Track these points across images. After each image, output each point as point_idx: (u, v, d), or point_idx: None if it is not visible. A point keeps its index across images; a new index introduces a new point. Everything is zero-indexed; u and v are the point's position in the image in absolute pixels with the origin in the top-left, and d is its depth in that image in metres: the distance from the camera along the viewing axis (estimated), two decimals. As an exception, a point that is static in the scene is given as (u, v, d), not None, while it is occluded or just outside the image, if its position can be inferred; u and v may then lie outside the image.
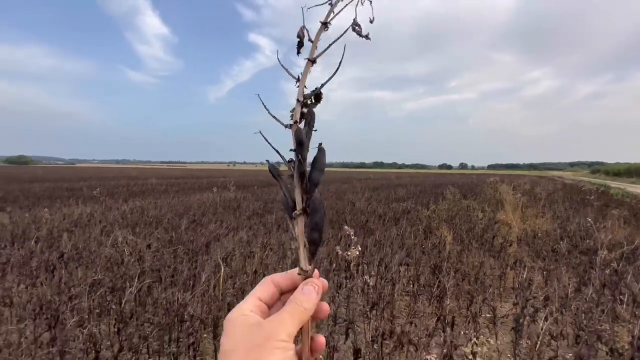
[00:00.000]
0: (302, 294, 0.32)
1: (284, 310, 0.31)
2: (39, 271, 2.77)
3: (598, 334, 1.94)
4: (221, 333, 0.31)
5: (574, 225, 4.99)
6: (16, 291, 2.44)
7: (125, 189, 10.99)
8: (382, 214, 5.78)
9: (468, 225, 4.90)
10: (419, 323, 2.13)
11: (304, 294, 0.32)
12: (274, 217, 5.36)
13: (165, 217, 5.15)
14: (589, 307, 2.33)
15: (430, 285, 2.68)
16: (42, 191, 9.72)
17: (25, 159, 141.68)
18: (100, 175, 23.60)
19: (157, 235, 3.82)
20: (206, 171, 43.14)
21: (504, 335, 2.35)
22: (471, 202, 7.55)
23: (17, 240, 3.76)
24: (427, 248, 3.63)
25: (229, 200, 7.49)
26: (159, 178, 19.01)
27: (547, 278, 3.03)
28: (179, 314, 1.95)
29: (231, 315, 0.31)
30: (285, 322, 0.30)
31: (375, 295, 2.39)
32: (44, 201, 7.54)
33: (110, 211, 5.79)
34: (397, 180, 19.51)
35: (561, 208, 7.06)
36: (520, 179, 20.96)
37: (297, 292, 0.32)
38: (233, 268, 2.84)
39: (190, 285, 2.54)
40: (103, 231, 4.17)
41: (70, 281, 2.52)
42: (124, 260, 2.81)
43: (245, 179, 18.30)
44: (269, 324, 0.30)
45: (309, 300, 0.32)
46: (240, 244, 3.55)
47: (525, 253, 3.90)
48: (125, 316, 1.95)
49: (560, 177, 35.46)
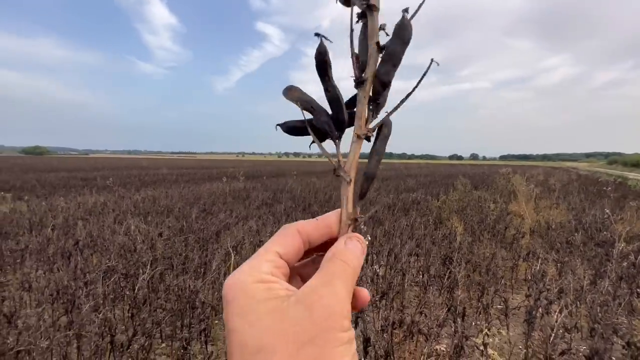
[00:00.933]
0: (347, 248, 0.23)
1: (327, 272, 0.21)
2: (55, 257, 2.85)
3: (614, 327, 1.89)
4: None
5: (590, 216, 4.87)
6: (34, 276, 2.52)
7: (137, 178, 11.17)
8: (391, 204, 5.74)
9: (479, 216, 4.82)
10: (429, 313, 2.12)
11: (350, 249, 0.23)
12: (283, 207, 5.38)
13: (176, 206, 5.22)
14: (605, 300, 2.28)
15: (440, 276, 2.66)
16: (57, 180, 9.96)
17: (40, 149, 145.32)
18: (113, 165, 24.05)
19: (169, 224, 3.88)
20: (215, 161, 43.55)
21: (516, 327, 2.32)
22: (482, 193, 7.43)
23: (34, 227, 3.86)
24: (438, 239, 3.60)
25: (239, 190, 7.55)
26: (169, 168, 19.26)
27: (561, 270, 2.97)
28: (191, 301, 1.98)
29: (239, 279, 0.20)
30: (339, 293, 0.20)
31: (384, 285, 2.38)
32: (60, 190, 7.73)
33: (123, 200, 5.90)
34: (406, 170, 19.32)
35: (576, 199, 6.88)
36: (533, 169, 20.52)
37: (338, 247, 0.23)
38: (243, 256, 2.87)
39: (201, 272, 2.57)
40: (116, 220, 4.25)
41: (86, 267, 2.58)
42: (136, 248, 2.86)
43: (254, 169, 18.40)
44: (316, 298, 0.20)
45: (356, 257, 0.23)
46: (249, 233, 3.57)
47: (539, 245, 3.82)
48: (138, 302, 1.99)
49: (575, 168, 34.57)
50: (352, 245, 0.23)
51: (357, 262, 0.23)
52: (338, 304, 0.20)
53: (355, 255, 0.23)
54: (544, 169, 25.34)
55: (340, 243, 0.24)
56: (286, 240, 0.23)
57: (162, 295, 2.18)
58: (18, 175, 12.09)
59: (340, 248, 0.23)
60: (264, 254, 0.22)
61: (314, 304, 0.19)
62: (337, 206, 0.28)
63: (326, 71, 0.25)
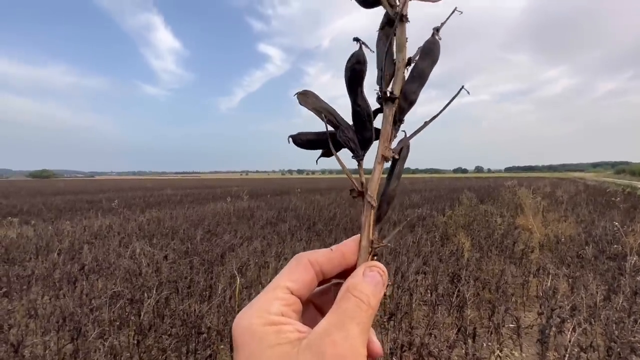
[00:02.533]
0: (365, 282, 0.20)
1: (341, 311, 0.19)
2: (61, 283, 2.85)
3: (631, 345, 1.83)
4: None
5: (600, 229, 4.79)
6: (40, 303, 2.52)
7: (142, 200, 11.26)
8: (396, 221, 5.70)
9: (487, 231, 4.77)
10: (438, 334, 2.07)
11: (368, 283, 0.20)
12: (287, 226, 5.37)
13: (180, 228, 5.23)
14: (620, 316, 2.21)
15: (449, 294, 2.61)
16: (63, 204, 10.08)
17: (47, 173, 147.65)
18: (118, 187, 24.31)
19: (174, 247, 3.88)
20: (220, 181, 43.82)
21: (529, 347, 2.25)
22: (489, 207, 7.36)
23: (41, 252, 3.89)
24: (445, 255, 3.55)
25: (243, 210, 7.56)
26: (174, 189, 19.41)
27: (573, 286, 2.90)
28: (196, 326, 1.96)
29: (249, 322, 0.19)
30: (353, 339, 0.18)
31: (392, 305, 2.34)
32: (66, 214, 7.81)
33: (128, 222, 5.93)
34: (411, 185, 19.26)
35: (585, 211, 6.79)
36: (539, 181, 20.36)
37: (355, 279, 0.21)
38: (248, 278, 2.85)
39: (207, 296, 2.55)
40: (121, 243, 4.27)
41: (91, 293, 2.58)
42: (142, 272, 2.86)
43: (258, 188, 18.47)
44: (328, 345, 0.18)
45: (374, 293, 0.20)
46: (254, 254, 3.56)
47: (549, 259, 3.75)
48: (144, 328, 1.97)
49: (582, 178, 34.21)
50: (371, 278, 0.21)
51: (375, 299, 0.20)
52: (352, 353, 0.18)
53: (373, 290, 0.20)
54: (551, 180, 25.11)
55: (357, 274, 0.21)
56: (297, 274, 0.21)
57: (168, 320, 2.16)
58: (25, 199, 12.25)
59: (356, 281, 0.21)
60: (273, 291, 0.20)
61: (325, 353, 0.18)
62: (342, 224, 0.27)
63: (360, 84, 0.23)
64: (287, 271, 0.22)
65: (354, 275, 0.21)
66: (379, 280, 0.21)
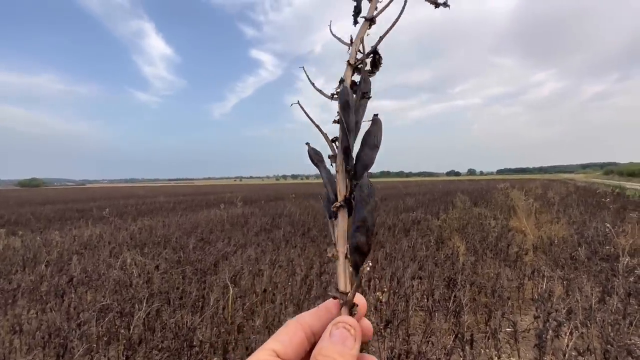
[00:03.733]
0: (331, 343, 0.20)
1: None
2: (49, 296, 2.76)
3: (627, 348, 1.83)
4: (231, 358, 0.21)
5: (592, 230, 4.83)
6: (26, 318, 2.43)
7: (133, 208, 11.09)
8: (391, 225, 5.69)
9: (481, 234, 4.78)
10: (435, 341, 2.04)
11: (334, 343, 0.20)
12: (282, 233, 5.32)
13: (173, 236, 5.14)
14: (616, 319, 2.21)
15: (445, 300, 2.59)
16: (53, 213, 9.87)
17: (37, 181, 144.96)
18: (110, 195, 23.95)
19: (165, 256, 3.81)
20: (213, 187, 43.48)
21: (527, 352, 2.23)
22: (482, 210, 7.41)
23: (28, 264, 3.77)
24: (440, 260, 3.54)
25: (236, 216, 7.49)
26: (166, 196, 19.19)
27: (568, 288, 2.91)
28: (188, 339, 1.90)
29: None
30: None
31: (388, 312, 2.31)
32: (55, 223, 7.64)
33: (119, 232, 5.82)
34: (405, 189, 19.34)
35: (576, 212, 6.87)
36: (531, 183, 20.61)
37: (321, 342, 0.21)
38: (242, 287, 2.79)
39: (200, 307, 2.49)
40: (112, 253, 4.17)
41: (80, 306, 2.50)
42: (132, 283, 2.78)
43: (252, 194, 18.35)
44: None
45: (343, 351, 0.20)
46: (248, 262, 3.50)
47: (543, 261, 3.77)
48: (134, 342, 1.91)
49: (572, 179, 34.75)
50: (337, 337, 0.20)
51: (344, 357, 0.20)
52: None
53: (341, 350, 0.20)
54: (542, 181, 25.44)
55: (324, 336, 0.21)
56: (285, 336, 0.22)
57: (159, 334, 2.09)
58: (13, 209, 11.98)
59: (322, 345, 0.20)
60: (258, 354, 0.21)
61: None
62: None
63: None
64: (276, 334, 0.22)
65: (322, 337, 0.21)
66: (346, 336, 0.21)
